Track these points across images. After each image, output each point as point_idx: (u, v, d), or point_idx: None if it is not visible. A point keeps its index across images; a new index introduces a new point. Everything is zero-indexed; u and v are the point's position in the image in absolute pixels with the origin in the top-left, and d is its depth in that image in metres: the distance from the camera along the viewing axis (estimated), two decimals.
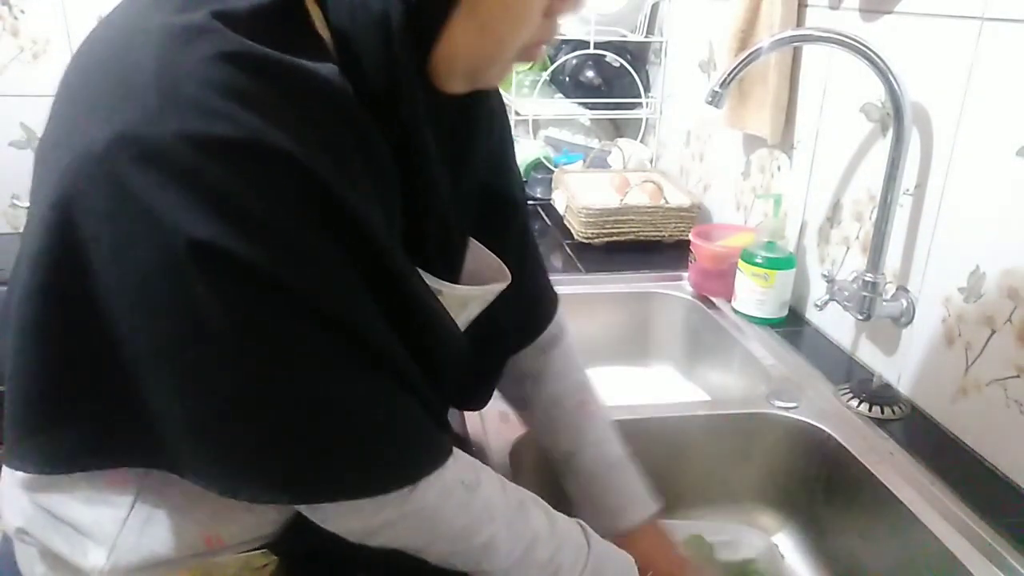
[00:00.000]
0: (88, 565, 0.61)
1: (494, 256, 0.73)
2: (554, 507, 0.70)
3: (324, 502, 0.57)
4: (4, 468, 0.65)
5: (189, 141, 0.46)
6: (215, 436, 0.52)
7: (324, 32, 0.53)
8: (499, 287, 0.71)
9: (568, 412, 0.84)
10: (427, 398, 0.60)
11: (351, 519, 0.59)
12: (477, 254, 0.72)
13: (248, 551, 0.65)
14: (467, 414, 0.95)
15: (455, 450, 0.63)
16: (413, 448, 0.59)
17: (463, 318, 0.70)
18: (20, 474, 0.62)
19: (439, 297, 0.64)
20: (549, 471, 0.95)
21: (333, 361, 0.53)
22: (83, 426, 0.55)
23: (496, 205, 0.74)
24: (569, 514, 0.71)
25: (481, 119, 0.67)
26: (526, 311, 0.82)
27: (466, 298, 0.69)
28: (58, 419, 0.55)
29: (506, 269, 0.72)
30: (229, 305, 0.48)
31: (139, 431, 0.54)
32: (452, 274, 0.67)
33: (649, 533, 0.80)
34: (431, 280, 0.63)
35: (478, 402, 0.82)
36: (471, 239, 0.72)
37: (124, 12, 0.53)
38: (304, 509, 0.60)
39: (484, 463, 0.85)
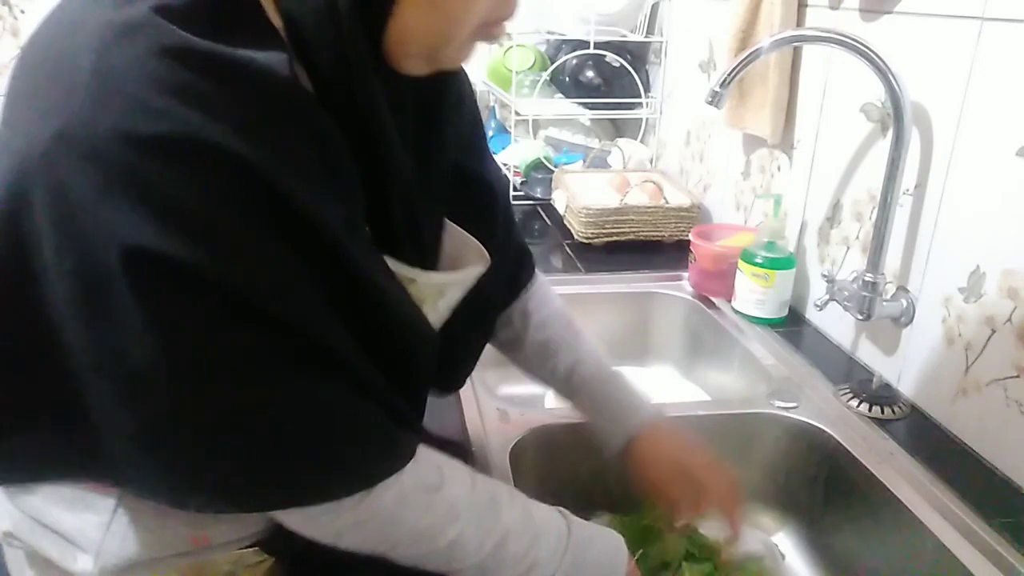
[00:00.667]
0: (77, 569, 0.60)
1: (472, 239, 0.72)
2: (555, 504, 0.69)
3: (272, 510, 0.57)
4: None
5: (127, 140, 0.45)
6: (158, 447, 0.51)
7: (276, 19, 0.52)
8: (478, 271, 0.70)
9: (560, 332, 0.86)
10: (388, 399, 0.59)
11: (308, 525, 0.58)
12: (456, 237, 0.71)
13: (239, 549, 0.65)
14: (467, 415, 0.95)
15: (418, 451, 0.61)
16: (365, 453, 0.57)
17: (442, 304, 0.69)
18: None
19: (412, 286, 0.63)
20: (549, 471, 0.95)
21: (278, 367, 0.51)
22: (34, 437, 0.54)
23: (472, 187, 0.74)
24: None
25: (447, 101, 0.66)
26: (510, 276, 0.83)
27: (443, 285, 0.68)
28: (10, 430, 0.54)
29: (485, 252, 0.72)
30: (166, 313, 0.47)
31: (87, 443, 0.53)
32: (425, 261, 0.66)
33: (665, 427, 0.83)
34: (403, 269, 0.62)
35: (455, 384, 0.83)
36: (449, 222, 0.71)
37: (64, 9, 0.52)
38: (270, 512, 0.59)
39: (484, 463, 0.86)
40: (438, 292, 0.68)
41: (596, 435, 0.85)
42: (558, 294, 0.91)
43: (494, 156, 0.81)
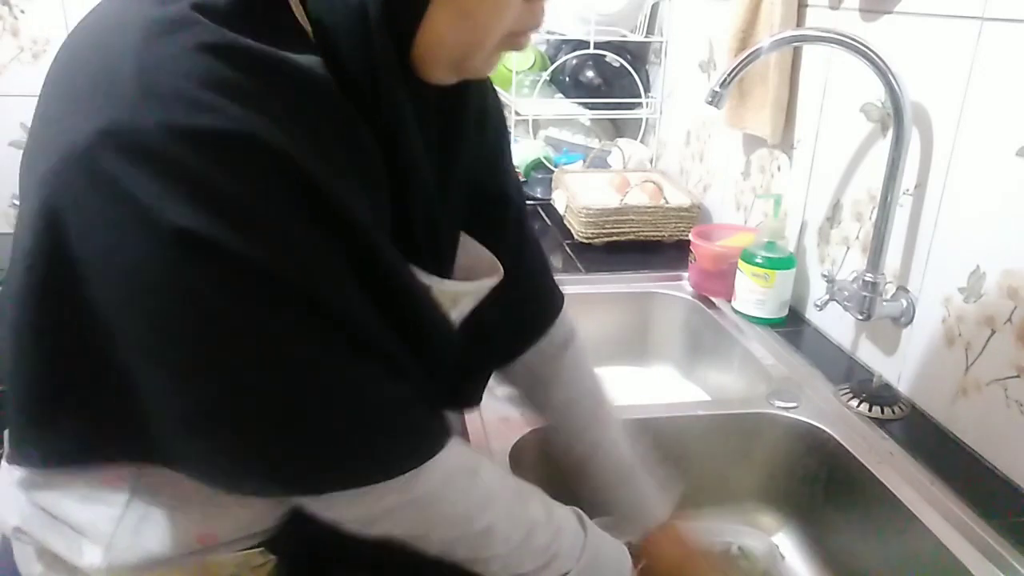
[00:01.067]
0: (85, 564, 0.61)
1: (487, 251, 0.72)
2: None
3: (328, 492, 0.57)
4: (1, 467, 0.65)
5: (172, 132, 0.46)
6: (212, 431, 0.52)
7: (305, 24, 0.53)
8: (491, 283, 0.71)
9: (582, 417, 0.83)
10: (422, 384, 0.60)
11: (354, 507, 0.58)
12: (470, 249, 0.71)
13: (244, 549, 0.65)
14: (467, 415, 0.95)
15: (453, 437, 0.62)
16: (413, 434, 0.59)
17: (454, 314, 0.70)
18: (17, 473, 0.62)
19: (427, 294, 0.64)
20: (549, 471, 0.95)
21: (325, 350, 0.53)
22: (80, 422, 0.55)
23: (490, 203, 0.74)
24: (590, 513, 0.71)
25: (469, 112, 0.67)
26: (526, 311, 0.81)
27: (457, 294, 0.68)
28: (56, 416, 0.55)
29: (499, 264, 0.72)
30: (218, 296, 0.48)
31: (135, 427, 0.54)
32: (441, 269, 0.66)
33: (672, 531, 0.81)
34: (420, 275, 0.62)
35: (468, 402, 0.81)
36: (464, 235, 0.71)
37: (104, 9, 0.53)
38: (302, 500, 0.59)
39: None
40: (451, 301, 0.68)
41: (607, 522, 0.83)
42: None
43: (518, 176, 0.80)
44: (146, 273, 0.48)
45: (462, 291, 0.69)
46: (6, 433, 0.58)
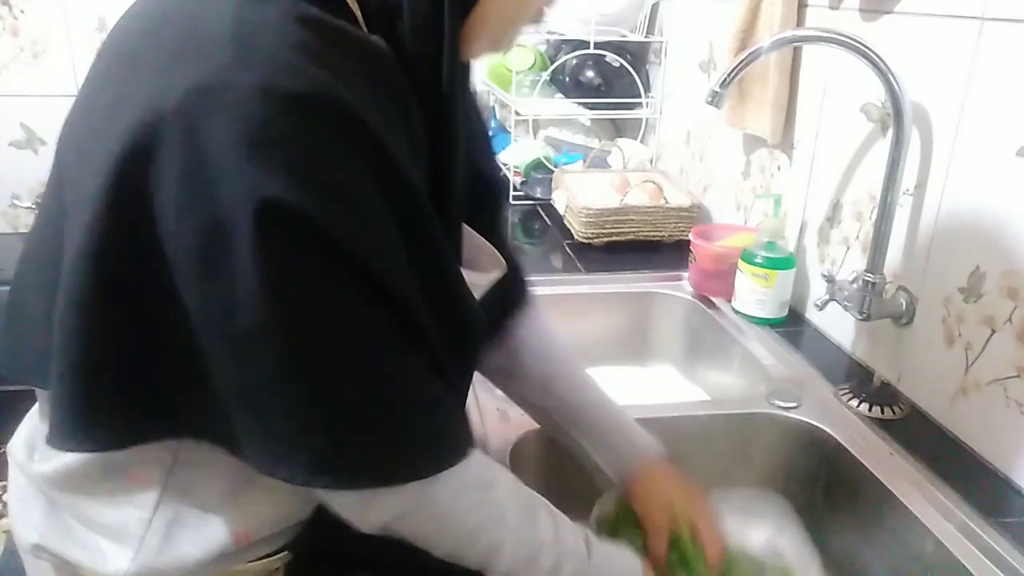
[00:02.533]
0: (111, 571, 0.60)
1: (487, 243, 0.72)
2: (556, 505, 0.69)
3: (356, 488, 0.56)
4: (16, 485, 0.64)
5: (268, 94, 0.46)
6: (260, 405, 0.52)
7: (355, 8, 0.55)
8: (498, 275, 0.71)
9: (564, 366, 0.85)
10: (455, 384, 0.60)
11: (362, 509, 0.58)
12: (470, 240, 0.71)
13: (267, 556, 0.64)
14: (467, 415, 0.94)
15: (475, 447, 0.62)
16: (442, 437, 0.58)
17: None
18: (42, 477, 0.61)
19: None
20: (549, 471, 0.95)
21: (383, 336, 0.53)
22: (137, 395, 0.54)
23: (484, 188, 0.74)
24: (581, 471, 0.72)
25: (468, 93, 0.68)
26: (512, 287, 0.81)
27: (472, 285, 0.67)
28: (110, 389, 0.54)
29: (500, 257, 0.72)
30: (284, 270, 0.48)
31: (193, 400, 0.54)
32: (456, 256, 0.66)
33: (664, 468, 0.81)
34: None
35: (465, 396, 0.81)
36: (464, 225, 0.71)
37: None
38: (325, 495, 0.58)
39: None
40: None
41: (593, 462, 0.83)
42: (547, 316, 0.89)
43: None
44: (216, 238, 0.48)
45: (474, 282, 0.68)
46: (57, 419, 0.56)
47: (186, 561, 0.60)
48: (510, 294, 0.82)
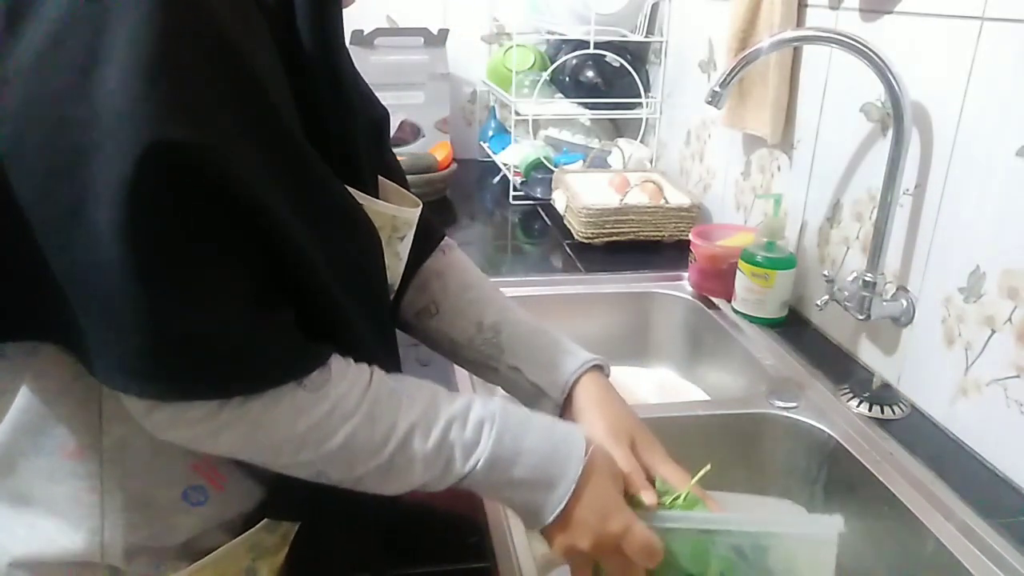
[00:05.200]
0: (80, 543, 0.59)
1: (391, 182, 0.72)
2: None
3: (160, 398, 0.53)
4: None
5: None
6: (90, 300, 0.50)
7: None
8: (418, 210, 0.71)
9: (483, 291, 0.81)
10: (358, 318, 0.58)
11: (178, 424, 0.54)
12: (383, 185, 0.71)
13: (249, 516, 0.63)
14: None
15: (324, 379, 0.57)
16: (268, 357, 0.54)
17: (402, 248, 0.70)
18: None
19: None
20: None
21: (223, 253, 0.51)
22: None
23: (374, 125, 0.74)
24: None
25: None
26: (421, 229, 0.78)
27: (392, 218, 0.67)
28: None
29: (410, 194, 0.72)
30: (147, 173, 0.47)
31: (40, 302, 0.52)
32: (368, 189, 0.65)
33: (598, 379, 0.75)
34: (356, 193, 0.61)
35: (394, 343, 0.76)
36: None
37: None
38: (139, 411, 0.55)
39: None
40: (390, 227, 0.67)
41: (529, 392, 0.76)
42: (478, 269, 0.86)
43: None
44: (60, 133, 0.47)
45: (395, 214, 0.67)
46: None
47: (158, 500, 0.59)
48: (419, 237, 0.78)
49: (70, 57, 0.47)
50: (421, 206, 0.72)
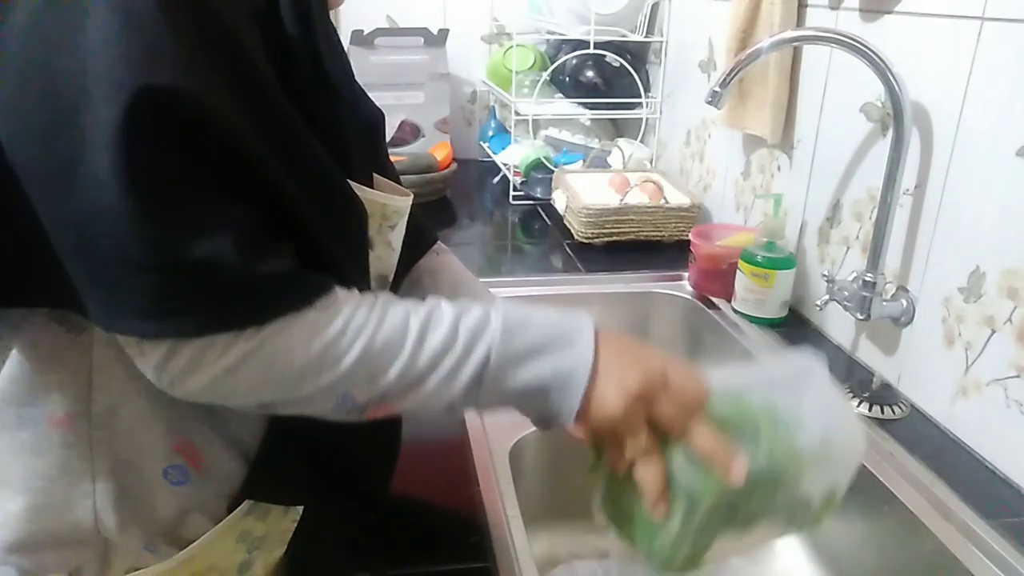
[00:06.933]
0: (78, 514, 0.59)
1: (385, 179, 0.73)
2: (555, 506, 0.69)
3: (168, 336, 0.52)
4: None
5: None
6: (96, 250, 0.51)
7: None
8: (409, 200, 0.72)
9: (473, 289, 0.81)
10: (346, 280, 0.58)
11: (199, 369, 0.54)
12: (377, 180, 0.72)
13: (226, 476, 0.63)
14: (467, 414, 0.95)
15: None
16: (270, 289, 0.54)
17: (393, 238, 0.70)
18: None
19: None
20: (549, 471, 0.95)
21: (222, 188, 0.52)
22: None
23: (369, 124, 0.75)
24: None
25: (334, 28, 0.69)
26: (412, 231, 0.79)
27: (383, 206, 0.68)
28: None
29: (402, 188, 0.72)
30: (143, 126, 0.48)
31: (32, 267, 0.53)
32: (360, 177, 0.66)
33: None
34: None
35: None
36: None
37: None
38: (155, 365, 0.54)
39: (484, 463, 0.86)
40: (380, 215, 0.68)
41: None
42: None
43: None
44: (67, 103, 0.48)
45: (386, 202, 0.68)
46: None
47: (143, 472, 0.59)
48: (414, 238, 0.79)
49: (61, 15, 0.49)
50: (412, 196, 0.73)
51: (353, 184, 0.63)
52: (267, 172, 0.53)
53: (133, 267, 0.50)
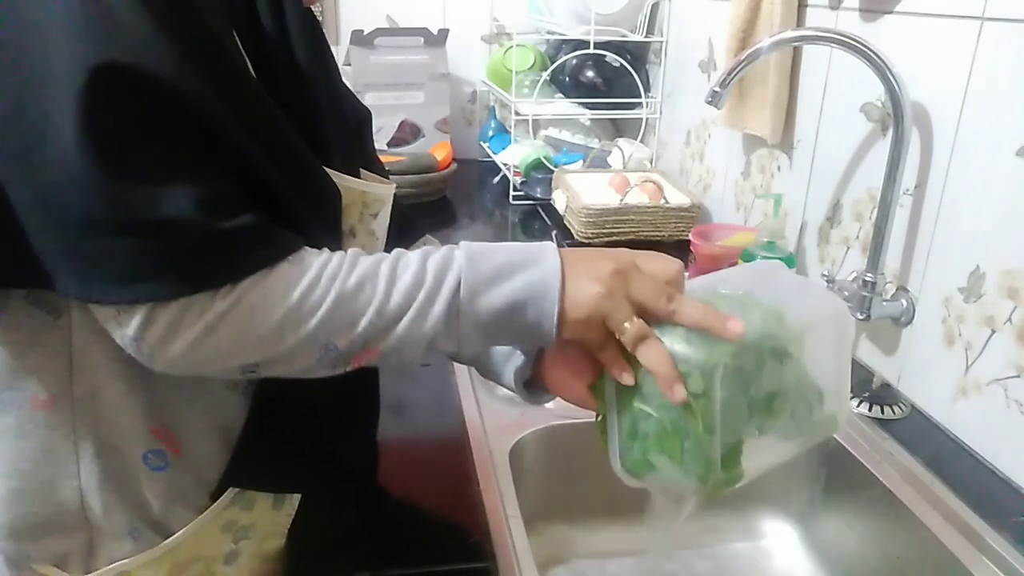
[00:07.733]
0: (66, 495, 0.60)
1: (370, 173, 0.75)
2: (556, 506, 0.69)
3: (137, 301, 0.52)
4: None
5: None
6: (68, 220, 0.51)
7: None
8: (392, 188, 0.74)
9: None
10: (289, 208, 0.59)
11: (178, 333, 0.54)
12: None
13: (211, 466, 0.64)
14: (467, 414, 0.95)
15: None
16: (241, 248, 0.55)
17: (376, 226, 0.71)
18: None
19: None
20: (549, 471, 0.95)
21: (191, 151, 0.53)
22: None
23: (353, 120, 0.77)
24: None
25: (318, 25, 0.71)
26: (398, 222, 0.79)
27: (363, 194, 0.69)
28: None
29: (383, 178, 0.74)
30: (109, 97, 0.50)
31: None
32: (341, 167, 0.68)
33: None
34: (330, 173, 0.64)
35: None
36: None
37: None
38: (133, 335, 0.54)
39: (484, 463, 0.86)
40: (360, 202, 0.69)
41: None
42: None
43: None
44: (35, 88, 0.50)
45: (366, 190, 0.70)
46: None
47: (125, 454, 0.60)
48: (401, 230, 0.80)
49: None
50: (394, 185, 0.74)
51: (331, 172, 0.64)
52: (231, 139, 0.54)
53: (102, 231, 0.51)
